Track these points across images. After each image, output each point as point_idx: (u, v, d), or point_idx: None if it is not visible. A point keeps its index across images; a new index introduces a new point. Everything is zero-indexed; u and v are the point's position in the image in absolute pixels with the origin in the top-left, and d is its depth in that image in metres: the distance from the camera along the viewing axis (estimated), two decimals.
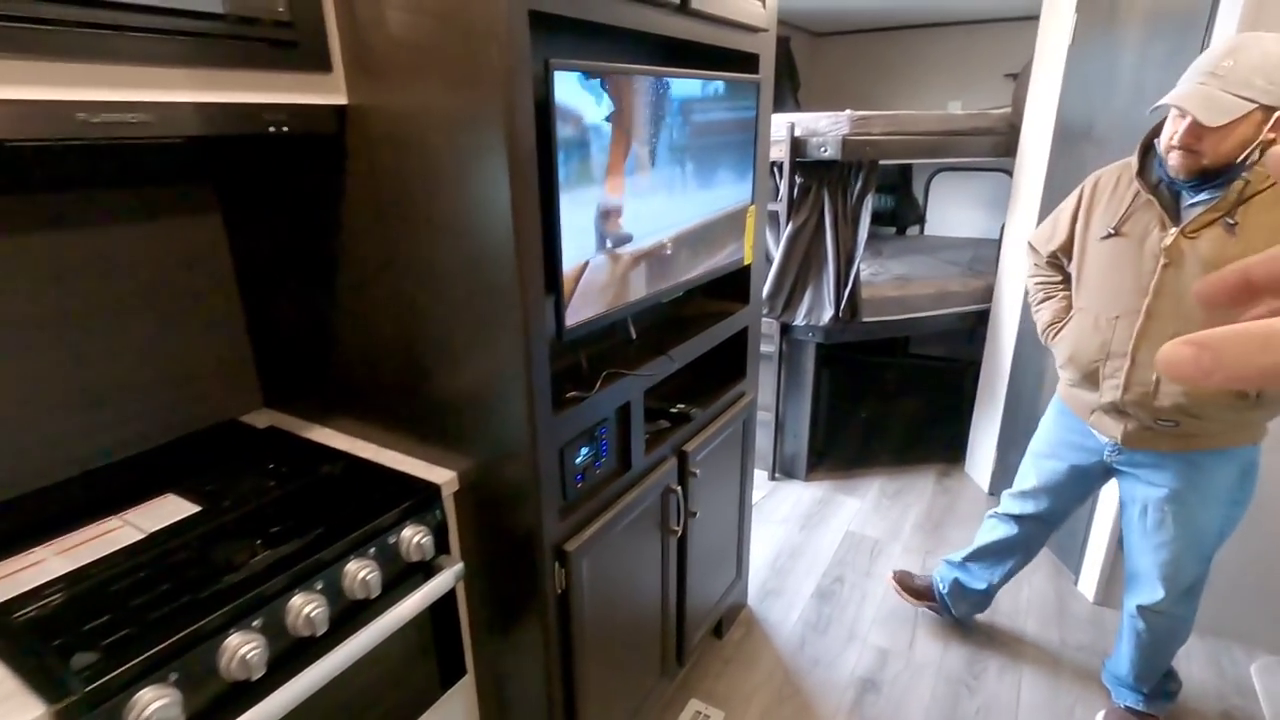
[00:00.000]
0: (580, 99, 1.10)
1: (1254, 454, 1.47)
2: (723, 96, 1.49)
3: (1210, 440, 1.44)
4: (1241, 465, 1.47)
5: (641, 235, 1.33)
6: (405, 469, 1.27)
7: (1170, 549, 1.56)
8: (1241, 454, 1.45)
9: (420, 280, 1.16)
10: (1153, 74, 1.98)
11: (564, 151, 1.08)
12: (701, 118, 1.43)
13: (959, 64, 3.97)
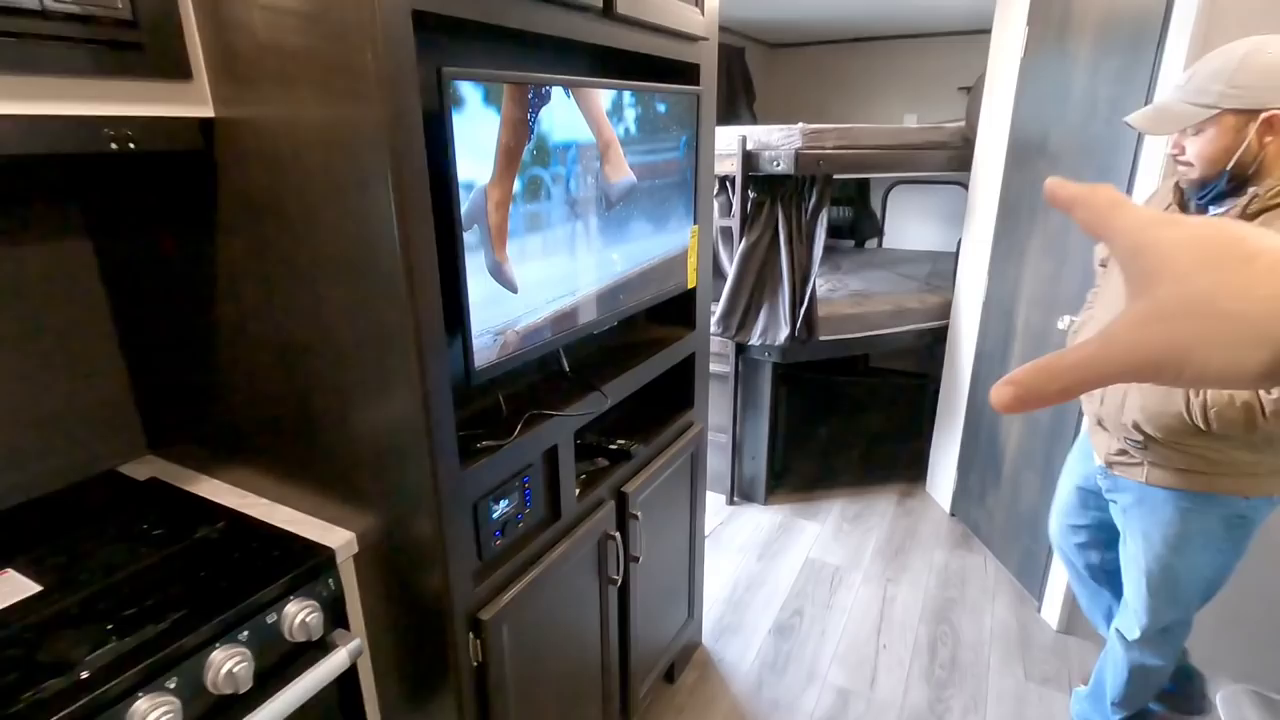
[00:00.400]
0: (485, 113, 0.97)
1: (1244, 507, 1.35)
2: (660, 112, 1.38)
3: (1194, 481, 1.35)
4: (1226, 515, 1.36)
5: (558, 283, 1.20)
6: (297, 530, 1.11)
7: (1147, 586, 1.49)
8: (1229, 503, 1.35)
9: (304, 320, 1.01)
10: (1105, 89, 1.93)
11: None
12: (638, 137, 1.31)
13: (914, 77, 3.95)
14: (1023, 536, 2.37)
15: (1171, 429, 1.29)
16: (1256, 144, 1.18)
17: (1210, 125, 1.20)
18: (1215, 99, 1.18)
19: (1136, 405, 1.33)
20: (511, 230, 1.06)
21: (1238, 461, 1.30)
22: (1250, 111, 1.16)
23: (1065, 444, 2.11)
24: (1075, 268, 2.06)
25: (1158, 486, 1.39)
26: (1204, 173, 1.25)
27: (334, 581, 1.07)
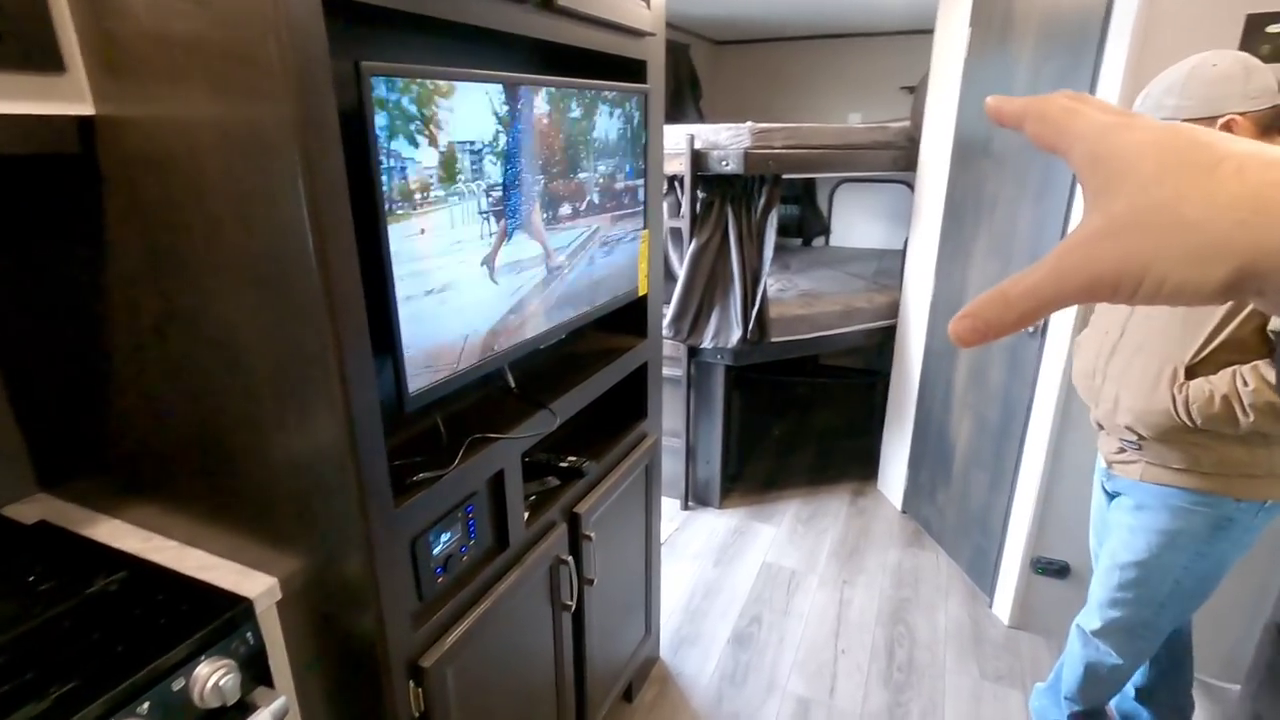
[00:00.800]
0: (411, 114, 0.87)
1: (1233, 509, 1.33)
2: (605, 110, 1.30)
3: (1189, 480, 1.34)
4: (1214, 517, 1.34)
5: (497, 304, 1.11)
6: (211, 577, 1.00)
7: (1118, 580, 1.49)
8: (1219, 504, 1.33)
9: (210, 343, 0.90)
10: (1047, 90, 1.93)
11: (393, 178, 0.85)
12: (583, 138, 1.23)
13: (857, 76, 3.98)
14: (974, 533, 2.40)
15: (1160, 427, 1.31)
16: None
17: None
18: (1172, 112, 1.22)
19: (1126, 407, 1.36)
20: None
21: (1235, 460, 1.29)
22: (1208, 119, 1.19)
23: (1014, 442, 2.14)
24: (1021, 266, 2.05)
25: (1153, 484, 1.39)
26: None
27: (253, 635, 0.95)
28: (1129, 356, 1.37)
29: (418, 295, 0.93)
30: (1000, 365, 2.19)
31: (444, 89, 0.90)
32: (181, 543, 1.08)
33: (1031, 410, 2.05)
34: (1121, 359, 1.38)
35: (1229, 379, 1.21)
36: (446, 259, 0.97)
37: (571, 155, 1.22)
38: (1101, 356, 1.44)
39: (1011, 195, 2.11)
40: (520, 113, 1.07)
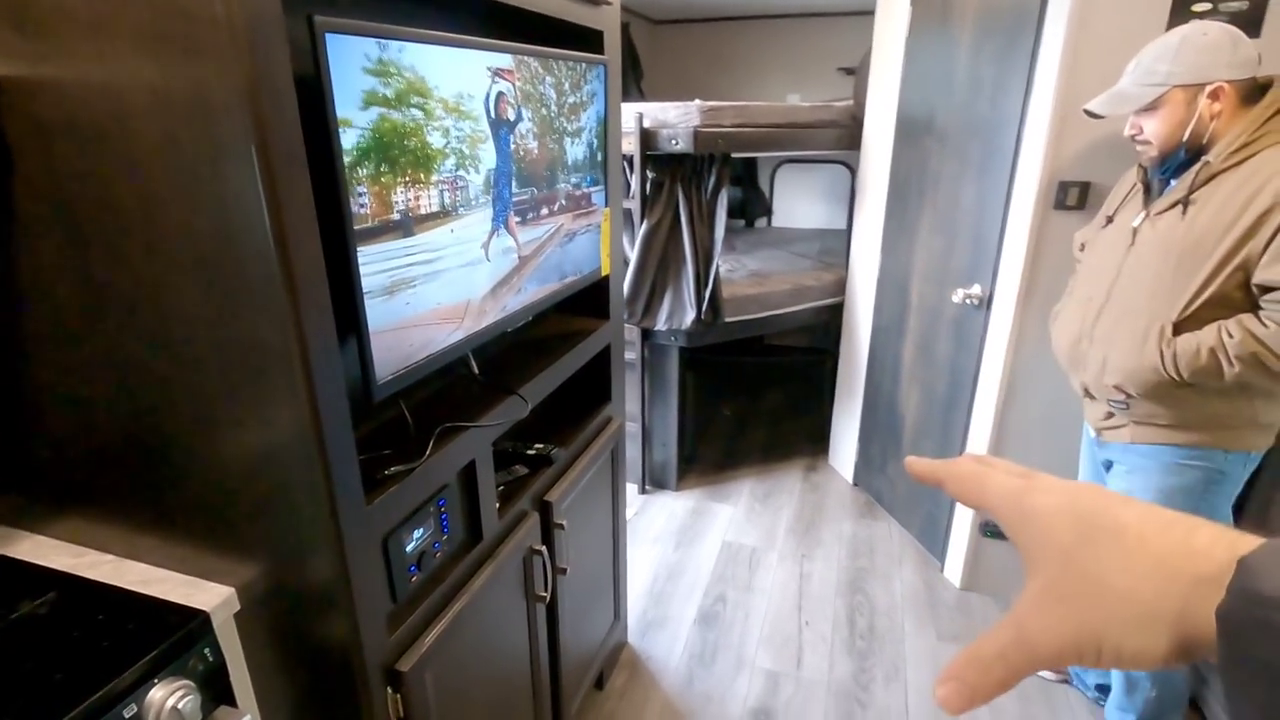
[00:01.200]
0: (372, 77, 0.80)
1: (1223, 461, 1.37)
2: (563, 80, 1.25)
3: (1176, 436, 1.38)
4: (1207, 471, 1.38)
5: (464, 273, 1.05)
6: (158, 591, 0.91)
7: None
8: (1210, 457, 1.37)
9: (148, 335, 0.81)
10: (988, 69, 2.00)
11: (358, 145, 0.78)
12: (542, 110, 1.18)
13: (795, 57, 4.01)
14: (924, 502, 2.48)
15: (1149, 383, 1.35)
16: (1207, 115, 1.27)
17: (1162, 103, 1.30)
18: (1164, 78, 1.29)
19: (1115, 366, 1.39)
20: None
21: (1217, 414, 1.34)
22: (1197, 85, 1.26)
23: (962, 411, 2.21)
24: (966, 242, 2.14)
25: (1144, 444, 1.43)
26: (1162, 148, 1.33)
27: (212, 651, 0.88)
28: (1116, 318, 1.39)
29: (380, 273, 0.87)
30: (947, 338, 2.26)
31: (417, 83, 0.84)
32: (119, 557, 0.98)
33: (978, 380, 2.12)
34: (1108, 321, 1.41)
35: (1215, 332, 1.26)
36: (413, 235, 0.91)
37: (535, 129, 1.16)
38: (1087, 322, 1.46)
39: (954, 172, 2.17)
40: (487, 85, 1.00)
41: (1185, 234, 1.29)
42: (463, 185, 0.99)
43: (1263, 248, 1.20)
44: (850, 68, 3.76)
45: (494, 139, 1.04)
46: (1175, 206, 1.32)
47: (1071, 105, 1.75)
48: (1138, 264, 1.37)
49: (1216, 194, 1.26)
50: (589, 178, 1.40)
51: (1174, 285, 1.30)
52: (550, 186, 1.25)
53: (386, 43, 0.80)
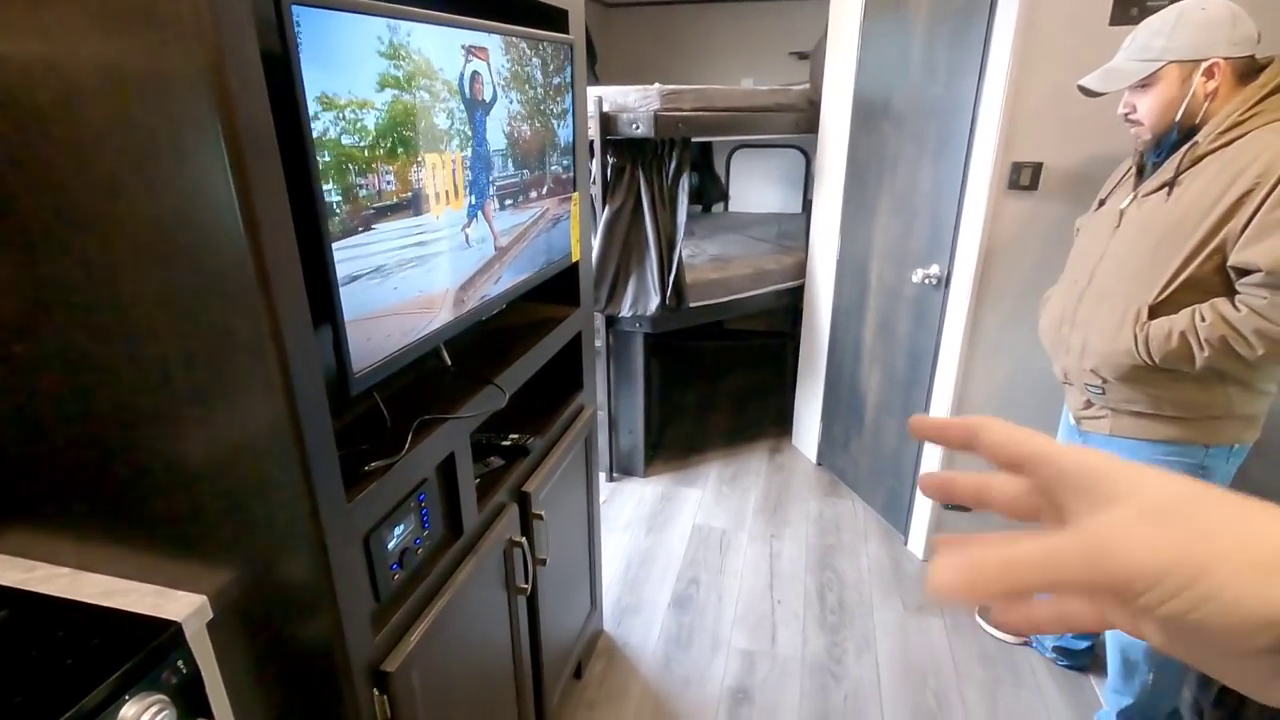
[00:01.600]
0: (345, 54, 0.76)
1: (1204, 456, 1.35)
2: (533, 60, 1.21)
3: (1156, 430, 1.37)
4: (1189, 466, 1.36)
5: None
6: (121, 603, 0.86)
7: None
8: (1191, 452, 1.36)
9: (103, 331, 0.75)
10: (942, 52, 2.04)
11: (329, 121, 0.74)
12: (511, 92, 1.14)
13: (748, 41, 4.01)
14: (886, 478, 2.54)
15: (1122, 367, 1.34)
16: (1201, 93, 1.24)
17: (1157, 80, 1.27)
18: (1159, 53, 1.26)
19: (1092, 350, 1.39)
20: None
21: (1192, 403, 1.32)
22: (1192, 62, 1.23)
23: (922, 389, 2.27)
24: (923, 223, 2.18)
25: (1123, 438, 1.41)
26: (1154, 127, 1.31)
27: (185, 662, 0.83)
28: (1097, 301, 1.39)
29: (355, 259, 0.83)
30: (906, 318, 2.31)
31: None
32: (75, 569, 0.92)
33: (938, 358, 2.18)
34: (1089, 304, 1.40)
35: (1188, 316, 1.24)
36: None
37: (510, 112, 1.13)
38: (1069, 305, 1.45)
39: (912, 155, 2.21)
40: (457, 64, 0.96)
41: (1168, 215, 1.27)
42: (441, 169, 0.95)
43: (1240, 229, 1.18)
44: (804, 52, 3.79)
45: (470, 121, 1.00)
46: (1162, 189, 1.30)
47: (1024, 87, 1.80)
48: (1121, 246, 1.36)
49: (1202, 175, 1.24)
50: (561, 162, 1.37)
51: (1152, 267, 1.28)
52: (526, 171, 1.22)
53: (363, 18, 0.76)
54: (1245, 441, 1.36)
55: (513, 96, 1.15)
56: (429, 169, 0.94)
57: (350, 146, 0.78)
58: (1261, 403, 1.34)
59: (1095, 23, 1.71)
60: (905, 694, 1.87)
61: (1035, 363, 2.03)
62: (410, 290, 0.93)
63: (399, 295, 0.91)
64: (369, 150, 0.82)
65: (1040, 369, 2.03)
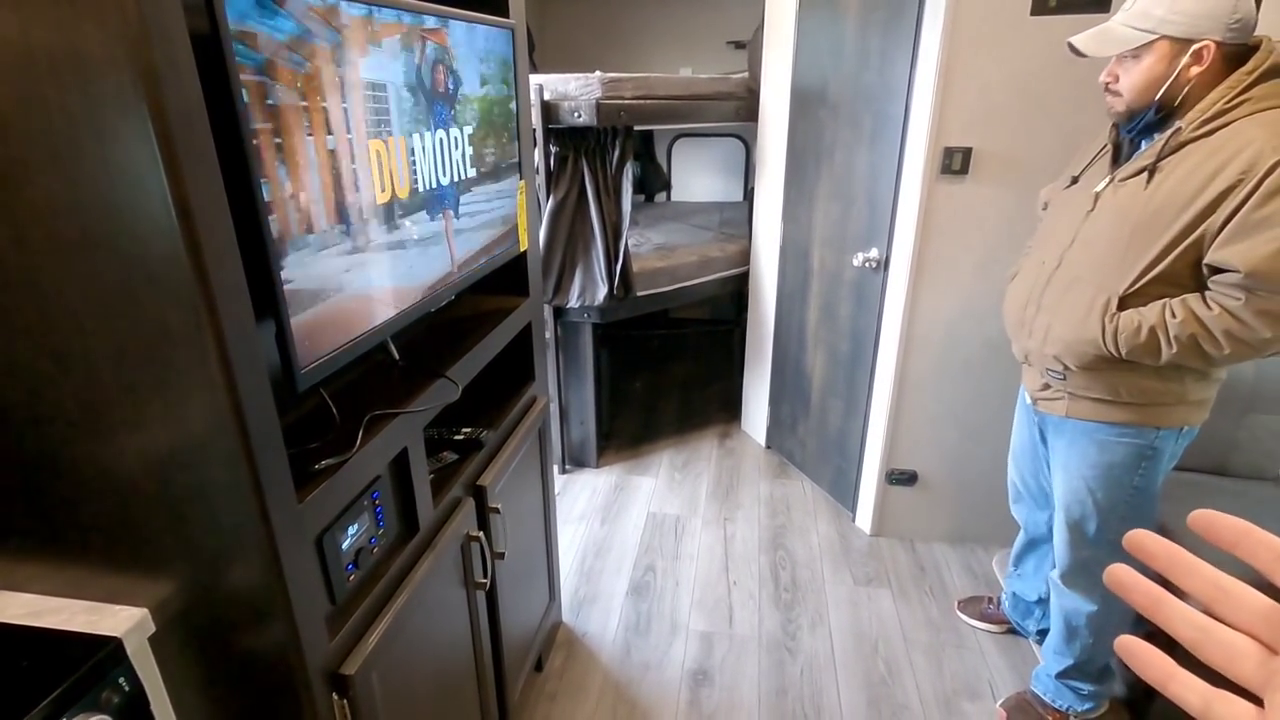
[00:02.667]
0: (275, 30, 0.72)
1: (1154, 438, 1.37)
2: (477, 48, 1.18)
3: (1111, 413, 1.38)
4: (1139, 447, 1.38)
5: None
6: (52, 622, 0.80)
7: (1065, 519, 1.52)
8: (1142, 433, 1.37)
9: (20, 327, 0.70)
10: (875, 40, 2.09)
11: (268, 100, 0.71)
12: (448, 74, 1.11)
13: (685, 30, 4.03)
14: (833, 457, 2.61)
15: (1086, 355, 1.33)
16: (1184, 75, 1.19)
17: (1147, 52, 1.21)
18: (1155, 24, 1.19)
19: (1056, 336, 1.38)
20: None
21: (1148, 390, 1.33)
22: (1185, 41, 1.18)
23: (865, 370, 2.34)
24: (862, 208, 2.24)
25: (1077, 419, 1.42)
26: (1132, 103, 1.26)
27: (128, 680, 0.79)
28: (1065, 286, 1.36)
29: (295, 250, 0.79)
30: (849, 301, 2.37)
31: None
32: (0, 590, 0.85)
33: (879, 338, 2.25)
34: (1057, 289, 1.38)
35: (1159, 310, 1.22)
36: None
37: (447, 97, 1.10)
38: (1037, 287, 1.43)
39: (848, 141, 2.27)
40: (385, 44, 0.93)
41: (1145, 204, 1.23)
42: (387, 156, 0.92)
43: (1220, 226, 1.14)
44: (740, 41, 3.83)
45: (430, 114, 0.97)
46: (1141, 174, 1.25)
47: (953, 74, 1.87)
48: (1093, 231, 1.32)
49: (1183, 164, 1.19)
50: (508, 149, 1.34)
51: (1126, 257, 1.25)
52: (479, 160, 1.19)
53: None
54: (1194, 424, 1.39)
55: (464, 83, 1.12)
56: (373, 154, 0.90)
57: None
58: (1213, 389, 1.37)
59: (1018, 12, 1.78)
60: (858, 663, 1.93)
61: (970, 341, 2.13)
62: (356, 283, 0.90)
63: (344, 288, 0.88)
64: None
65: (975, 346, 2.13)
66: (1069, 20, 1.75)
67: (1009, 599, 1.99)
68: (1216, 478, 1.83)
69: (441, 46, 1.06)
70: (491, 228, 1.33)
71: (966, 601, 2.11)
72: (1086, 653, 1.60)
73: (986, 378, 2.15)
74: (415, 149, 1.01)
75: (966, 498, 2.35)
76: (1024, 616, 1.95)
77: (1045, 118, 1.86)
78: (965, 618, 2.08)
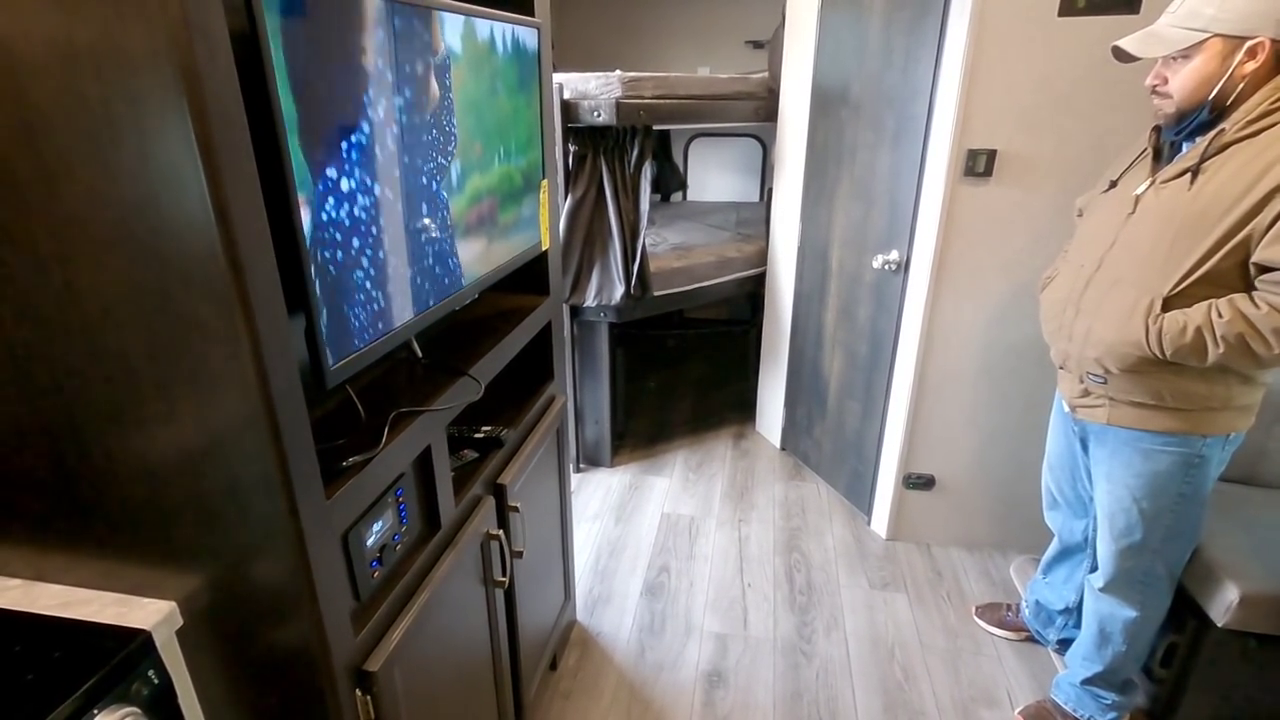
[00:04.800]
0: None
1: (1201, 446, 1.33)
2: (495, 45, 1.18)
3: (1153, 420, 1.35)
4: (1185, 456, 1.35)
5: None
6: (82, 614, 0.81)
7: (1110, 530, 1.49)
8: (1188, 442, 1.34)
9: (55, 320, 0.71)
10: (899, 39, 2.07)
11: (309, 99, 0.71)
12: (476, 74, 1.11)
13: (703, 30, 4.01)
14: (849, 459, 2.60)
15: (1129, 358, 1.30)
16: (1239, 73, 1.17)
17: (1198, 52, 1.18)
18: (1206, 23, 1.16)
19: (1097, 339, 1.34)
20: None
21: (1193, 395, 1.30)
22: (1238, 38, 1.15)
23: (883, 372, 2.32)
24: (882, 210, 2.23)
25: (1119, 427, 1.39)
26: (1182, 104, 1.23)
27: (157, 672, 0.79)
28: (1105, 289, 1.34)
29: (327, 244, 0.79)
30: (867, 302, 2.36)
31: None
32: (28, 580, 0.87)
33: (898, 341, 2.23)
34: (1097, 291, 1.35)
35: (1205, 311, 1.20)
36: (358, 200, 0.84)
37: (474, 95, 1.10)
38: (1075, 290, 1.41)
39: (870, 141, 2.25)
40: (418, 41, 0.93)
41: (1189, 205, 1.20)
42: (418, 154, 0.92)
43: (1267, 226, 1.12)
44: (759, 40, 3.81)
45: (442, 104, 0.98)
46: (1184, 175, 1.23)
47: (978, 75, 1.85)
48: (1135, 233, 1.30)
49: (1228, 165, 1.17)
50: (534, 147, 1.34)
51: (1170, 258, 1.23)
52: (504, 156, 1.19)
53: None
54: (1240, 430, 1.35)
55: (486, 82, 1.12)
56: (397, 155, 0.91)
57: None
58: (1258, 393, 1.34)
59: (1045, 13, 1.76)
60: (874, 668, 1.92)
61: (991, 345, 2.11)
62: (383, 280, 0.90)
63: (371, 285, 0.88)
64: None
65: (996, 350, 2.11)
66: (1098, 21, 1.73)
67: (1031, 606, 1.96)
68: (1245, 487, 1.80)
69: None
70: (518, 227, 1.33)
71: (985, 608, 2.09)
72: (1117, 660, 1.58)
73: (1009, 382, 2.13)
74: (442, 147, 1.01)
75: (985, 503, 2.33)
76: (1045, 625, 1.93)
77: (1073, 120, 1.84)
78: (983, 624, 2.06)
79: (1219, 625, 1.49)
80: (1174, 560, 1.48)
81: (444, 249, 1.07)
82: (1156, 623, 1.54)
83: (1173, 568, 1.49)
